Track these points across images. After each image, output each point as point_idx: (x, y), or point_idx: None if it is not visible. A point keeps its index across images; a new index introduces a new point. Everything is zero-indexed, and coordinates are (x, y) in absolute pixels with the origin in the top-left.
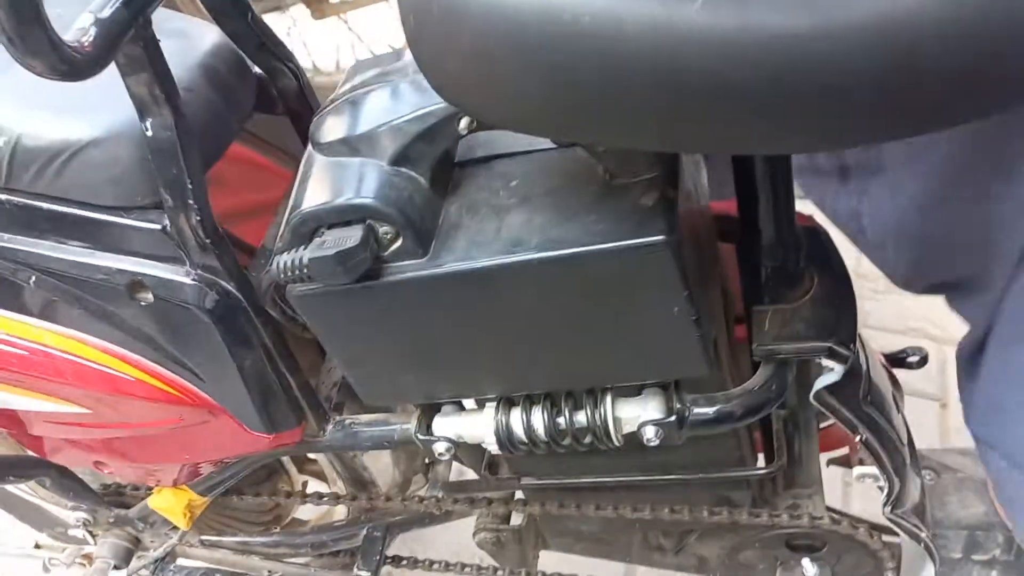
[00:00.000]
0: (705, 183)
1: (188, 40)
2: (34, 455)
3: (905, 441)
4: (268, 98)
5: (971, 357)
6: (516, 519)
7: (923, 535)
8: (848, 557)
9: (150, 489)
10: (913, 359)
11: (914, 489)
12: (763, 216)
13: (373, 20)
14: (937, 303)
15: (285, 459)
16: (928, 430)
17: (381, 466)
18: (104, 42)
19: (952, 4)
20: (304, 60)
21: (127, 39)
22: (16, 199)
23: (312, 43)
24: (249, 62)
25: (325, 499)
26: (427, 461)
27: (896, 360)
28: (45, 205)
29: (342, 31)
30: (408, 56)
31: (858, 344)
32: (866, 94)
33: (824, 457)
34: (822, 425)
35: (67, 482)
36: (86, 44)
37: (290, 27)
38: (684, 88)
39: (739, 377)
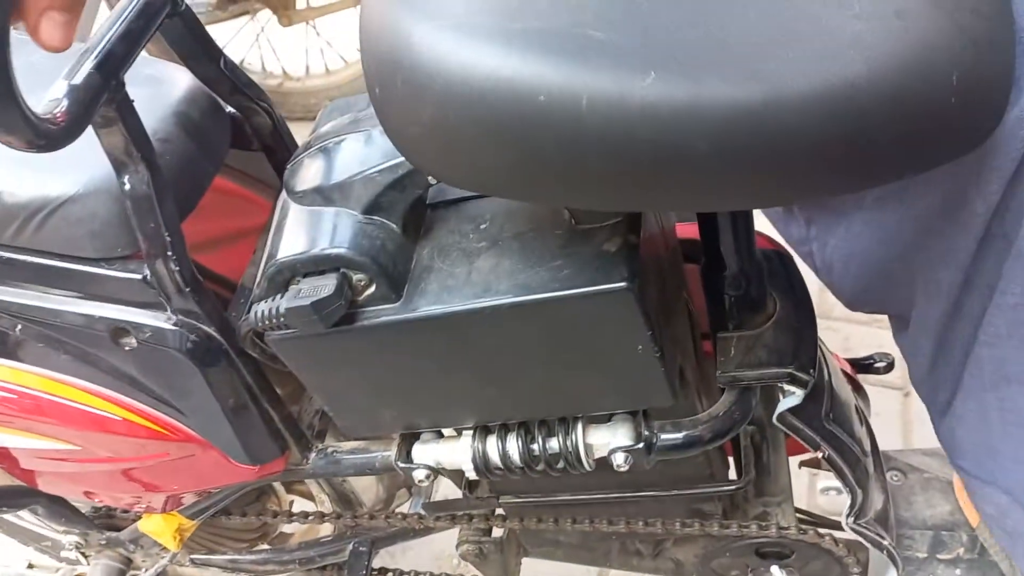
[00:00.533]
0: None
1: (161, 87)
2: (25, 485)
3: (868, 451)
4: (243, 136)
5: (936, 395)
6: (497, 532)
7: (885, 543)
8: (815, 563)
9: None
10: (880, 364)
11: (877, 497)
12: (725, 249)
13: (341, 25)
14: None
15: None
16: (890, 420)
17: (365, 484)
18: (78, 110)
19: (892, 78)
20: (273, 65)
21: (101, 103)
22: (1, 254)
23: (281, 49)
24: (222, 103)
25: (311, 518)
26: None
27: (863, 366)
28: (28, 258)
29: (311, 36)
30: None
31: (820, 361)
32: (813, 157)
33: (796, 460)
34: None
35: (58, 508)
36: (59, 116)
37: (258, 33)
38: (640, 159)
39: (708, 392)
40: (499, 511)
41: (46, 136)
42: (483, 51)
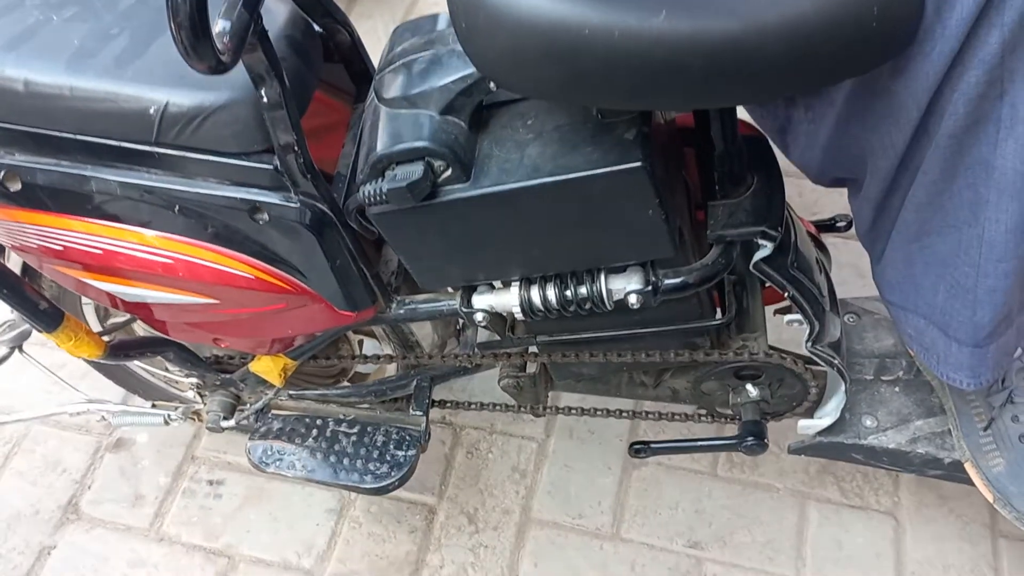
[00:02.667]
0: None
1: (271, 16)
2: (163, 336)
3: (825, 294)
4: (328, 50)
5: (874, 246)
6: (531, 368)
7: (836, 362)
8: (782, 382)
9: (244, 359)
10: (841, 224)
11: (833, 330)
12: (714, 134)
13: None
14: None
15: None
16: (851, 270)
17: (424, 332)
18: (237, 41)
19: (830, 9)
20: None
21: (249, 33)
22: (164, 150)
23: None
24: (315, 26)
25: (382, 359)
26: (458, 328)
27: (826, 226)
28: (187, 154)
29: None
30: (442, 24)
31: (788, 223)
32: (777, 66)
33: (771, 310)
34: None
35: (185, 355)
36: (228, 45)
37: None
38: (656, 71)
39: (700, 250)
40: (532, 350)
41: (220, 63)
42: None
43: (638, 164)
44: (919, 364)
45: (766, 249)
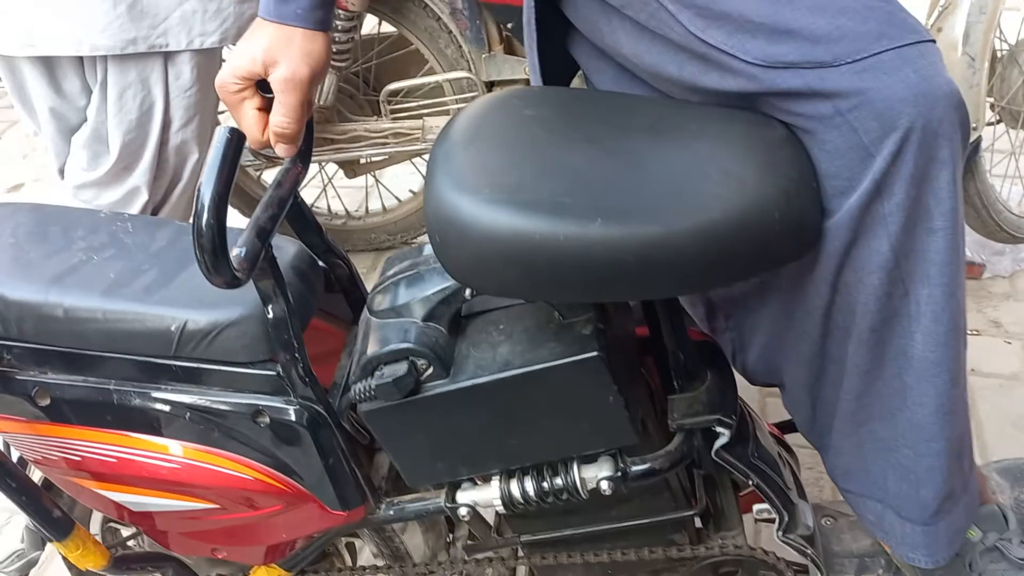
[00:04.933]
0: (632, 316)
1: (283, 252)
2: (163, 550)
3: (792, 486)
4: (329, 282)
5: (821, 439)
6: (521, 573)
7: (808, 551)
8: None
9: (244, 571)
10: None
11: (805, 521)
12: (666, 338)
13: (392, 172)
14: None
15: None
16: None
17: (415, 543)
18: (250, 263)
19: (736, 218)
20: (338, 208)
21: (260, 258)
22: (180, 363)
23: (344, 192)
24: (319, 261)
25: (367, 570)
26: (448, 541)
27: (788, 425)
28: (200, 365)
29: (370, 181)
30: (427, 251)
31: (747, 417)
32: (696, 263)
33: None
34: (744, 492)
35: (184, 571)
36: (243, 266)
37: (325, 183)
38: (595, 269)
39: (667, 439)
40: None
41: (235, 279)
42: (503, 213)
43: (594, 354)
44: (895, 559)
45: (724, 437)
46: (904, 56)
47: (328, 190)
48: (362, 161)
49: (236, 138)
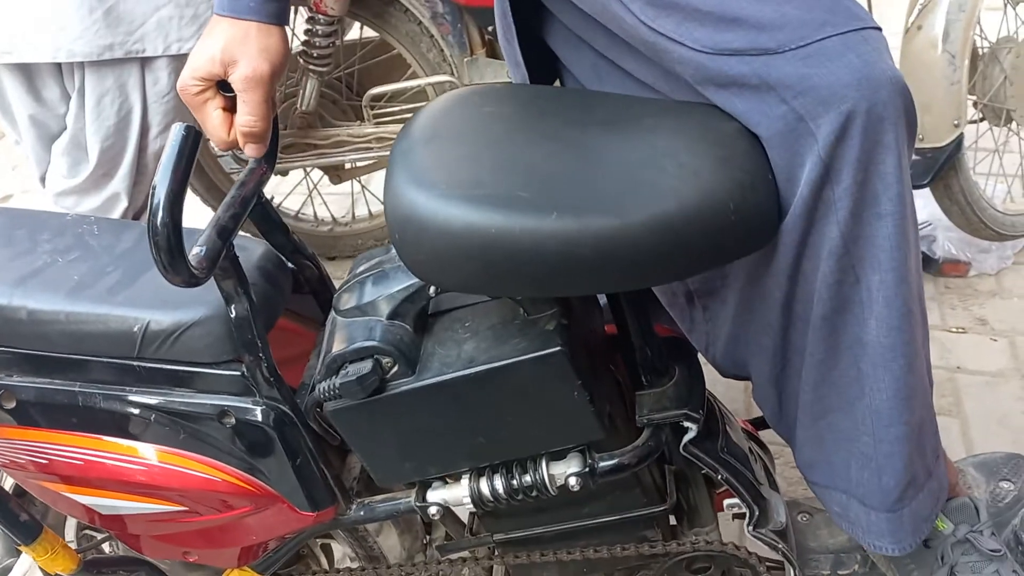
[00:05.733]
0: (600, 314)
1: (248, 252)
2: (136, 555)
3: (763, 481)
4: (298, 283)
5: (789, 433)
6: (497, 573)
7: (780, 546)
8: (730, 569)
9: (217, 574)
10: None
11: (776, 517)
12: (633, 335)
13: (378, 177)
14: None
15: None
16: None
17: (390, 543)
18: (210, 261)
19: (691, 210)
20: (324, 214)
21: (221, 257)
22: (144, 364)
23: (330, 199)
24: (286, 262)
25: (341, 572)
26: (424, 543)
27: (763, 421)
28: (163, 365)
29: (356, 186)
30: (393, 251)
31: (716, 411)
32: (652, 255)
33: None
34: (720, 489)
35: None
36: (200, 264)
37: (311, 189)
38: (551, 261)
39: (636, 435)
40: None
41: (194, 277)
42: (459, 208)
43: (558, 349)
44: (870, 554)
45: (692, 431)
46: (847, 42)
47: (314, 196)
48: (347, 166)
49: (192, 135)
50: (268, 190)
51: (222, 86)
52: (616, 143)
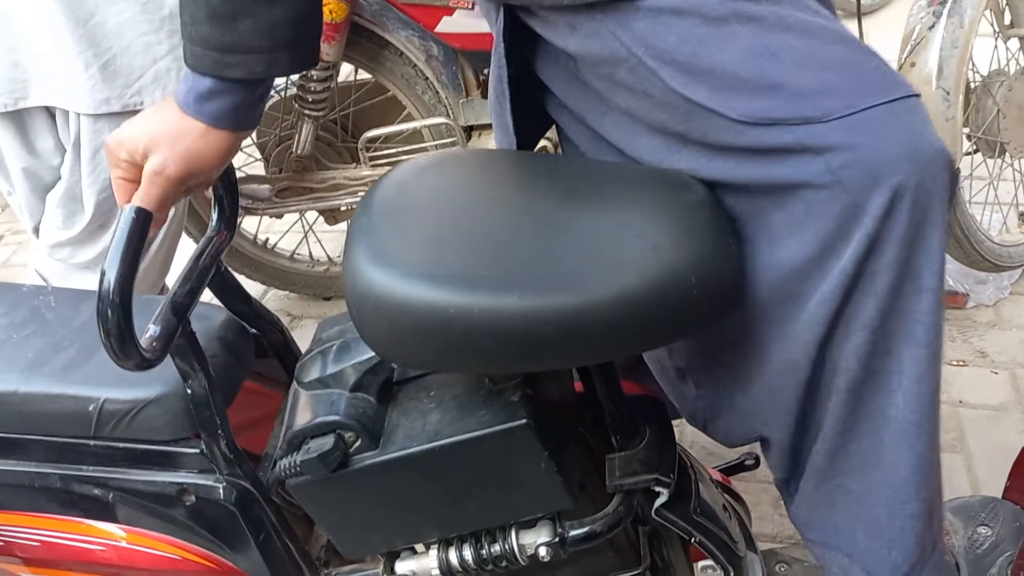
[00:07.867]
0: (569, 373)
1: (208, 322)
2: None
3: (738, 538)
4: (262, 348)
5: (789, 489)
6: None
7: None
8: None
9: None
10: (749, 462)
11: (752, 574)
12: (601, 396)
13: None
14: None
15: None
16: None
17: None
18: (163, 342)
19: (653, 285)
20: (320, 254)
21: (176, 336)
22: (100, 442)
23: (324, 238)
24: (248, 327)
25: None
26: None
27: (735, 468)
28: (120, 444)
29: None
30: None
31: (689, 471)
32: (616, 330)
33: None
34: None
35: None
36: (153, 346)
37: (306, 231)
38: (514, 341)
39: (607, 500)
40: None
41: (145, 361)
42: (417, 286)
43: (523, 422)
44: None
45: (663, 495)
46: (894, 111)
47: (309, 236)
48: (342, 208)
49: (141, 217)
50: (263, 230)
51: None
52: (578, 214)
